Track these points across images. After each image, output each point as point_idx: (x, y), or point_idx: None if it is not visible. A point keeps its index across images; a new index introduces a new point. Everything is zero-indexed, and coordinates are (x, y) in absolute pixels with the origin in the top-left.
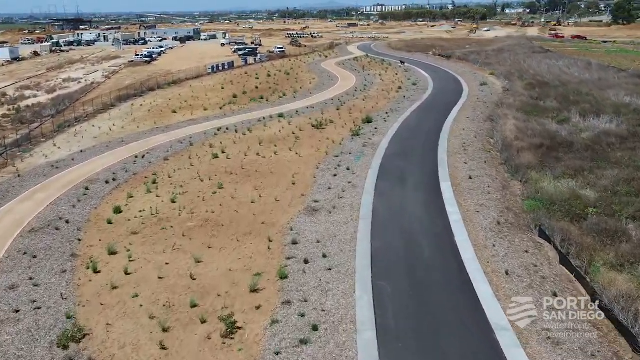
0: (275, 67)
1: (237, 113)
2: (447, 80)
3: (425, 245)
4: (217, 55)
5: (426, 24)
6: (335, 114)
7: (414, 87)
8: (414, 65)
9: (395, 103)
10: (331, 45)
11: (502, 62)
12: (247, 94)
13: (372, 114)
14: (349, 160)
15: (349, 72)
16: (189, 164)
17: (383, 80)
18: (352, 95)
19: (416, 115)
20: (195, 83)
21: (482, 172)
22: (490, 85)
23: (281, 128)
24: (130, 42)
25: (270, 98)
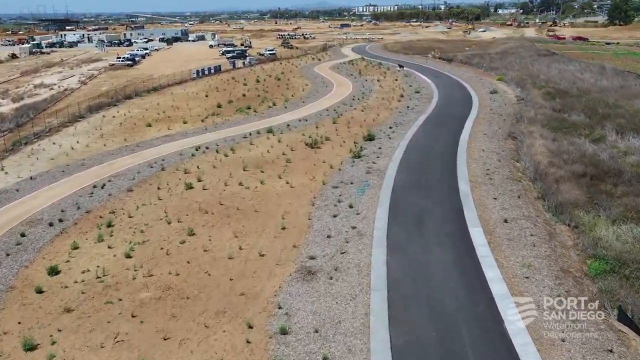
0: (265, 72)
1: (220, 127)
2: (452, 87)
3: (467, 341)
4: (205, 57)
5: (420, 24)
6: (331, 129)
7: (417, 95)
8: (414, 69)
9: (398, 115)
10: (324, 47)
11: (509, 66)
12: (232, 103)
13: (373, 129)
14: (351, 193)
15: (345, 77)
16: (157, 197)
17: (382, 87)
18: (350, 105)
19: (424, 131)
20: (178, 90)
21: (518, 212)
22: (502, 93)
23: (270, 147)
24: (114, 44)
25: (258, 108)
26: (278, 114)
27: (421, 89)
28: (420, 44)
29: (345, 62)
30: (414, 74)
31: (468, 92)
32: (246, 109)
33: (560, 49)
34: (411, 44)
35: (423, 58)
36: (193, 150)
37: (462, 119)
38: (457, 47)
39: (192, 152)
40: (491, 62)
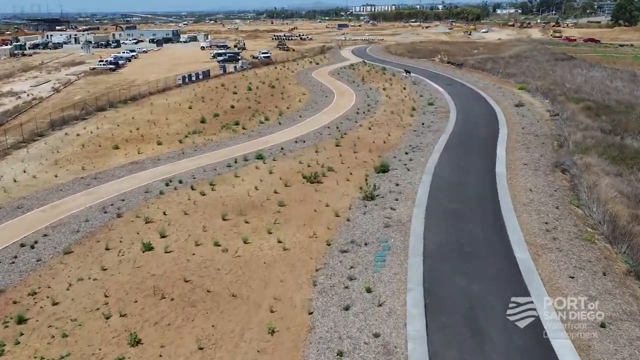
0: (258, 77)
1: (200, 150)
2: (469, 98)
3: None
4: (195, 60)
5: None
6: (334, 154)
7: (431, 108)
8: (422, 75)
9: (413, 134)
10: (322, 50)
11: (527, 72)
12: (219, 117)
13: (386, 156)
14: (367, 262)
15: (346, 84)
16: (100, 266)
17: (389, 97)
18: (354, 121)
19: (449, 159)
20: (159, 100)
21: (614, 304)
22: (529, 106)
23: (258, 181)
24: (101, 45)
25: (248, 124)
26: (271, 132)
27: (434, 100)
28: (424, 46)
29: (346, 66)
30: (422, 81)
31: (489, 104)
32: (234, 124)
33: (576, 52)
34: (415, 46)
35: (429, 62)
36: (162, 186)
37: (491, 141)
38: (463, 49)
39: (161, 188)
40: (506, 67)
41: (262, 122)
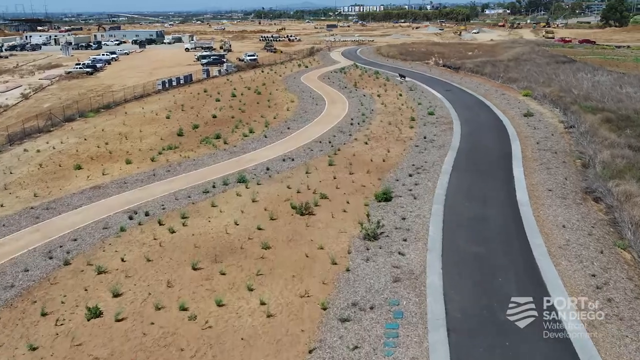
0: (243, 82)
1: (174, 171)
2: (472, 106)
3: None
4: (178, 62)
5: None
6: (327, 175)
7: (431, 118)
8: (418, 80)
9: (415, 151)
10: (311, 51)
11: (530, 76)
12: (198, 129)
13: (387, 178)
14: (374, 340)
15: (337, 90)
16: (28, 344)
17: (385, 105)
18: (348, 133)
19: (460, 184)
20: (134, 108)
21: None
22: (539, 116)
23: (240, 212)
24: (82, 47)
25: (230, 137)
26: (255, 147)
27: (434, 108)
28: (417, 48)
29: (336, 69)
30: (419, 86)
31: (494, 114)
32: (214, 138)
33: (574, 54)
34: (407, 48)
35: (424, 65)
36: (125, 220)
37: (504, 159)
38: (458, 51)
39: (123, 222)
40: (506, 71)
41: (246, 135)
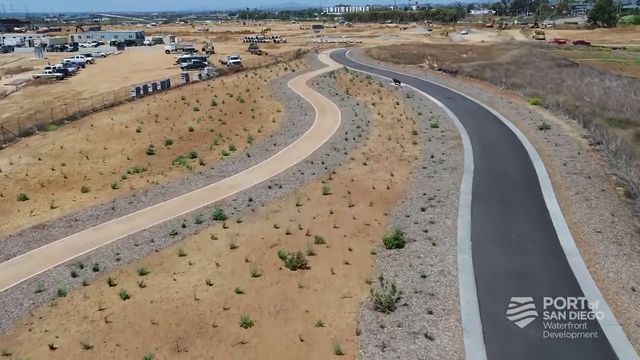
0: (225, 88)
1: (138, 203)
2: (479, 116)
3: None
4: (157, 65)
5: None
6: (322, 209)
7: (436, 132)
8: (414, 85)
9: (424, 175)
10: (298, 54)
11: (534, 82)
12: (172, 146)
13: (395, 213)
14: None
15: (328, 97)
16: None
17: (382, 115)
18: (344, 152)
19: (486, 222)
20: (103, 119)
21: None
22: (556, 129)
23: (214, 266)
24: (57, 48)
25: (208, 156)
26: (237, 169)
27: (437, 119)
28: (408, 50)
29: (325, 73)
30: (416, 93)
31: (506, 126)
32: (190, 157)
33: (571, 56)
34: (397, 50)
35: (418, 69)
36: (66, 277)
37: (531, 186)
38: (451, 54)
39: (64, 282)
40: (507, 75)
41: (226, 153)
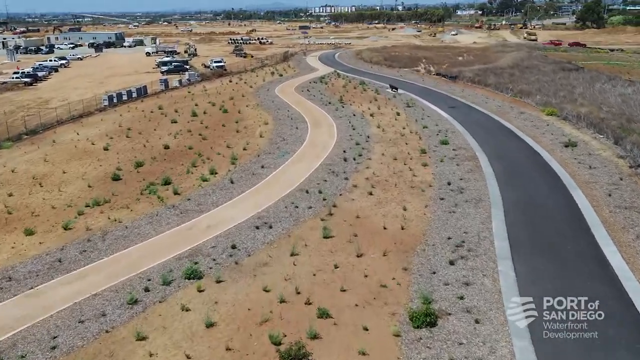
0: (207, 95)
1: (92, 252)
2: (490, 129)
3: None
4: (135, 69)
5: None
6: (323, 261)
7: (447, 149)
8: (413, 92)
9: (443, 209)
10: (285, 56)
11: (543, 88)
12: (143, 169)
13: (416, 268)
14: None
15: (320, 107)
16: None
17: (382, 129)
18: (343, 176)
19: (536, 283)
20: (67, 133)
21: None
22: (584, 146)
23: (183, 358)
24: (31, 51)
25: (183, 183)
26: (217, 201)
27: (446, 134)
28: (400, 52)
29: (315, 78)
30: (417, 101)
31: (525, 142)
32: (162, 184)
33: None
34: (389, 52)
35: (414, 73)
36: None
37: (578, 227)
38: (446, 56)
39: None
40: (512, 81)
41: (205, 179)
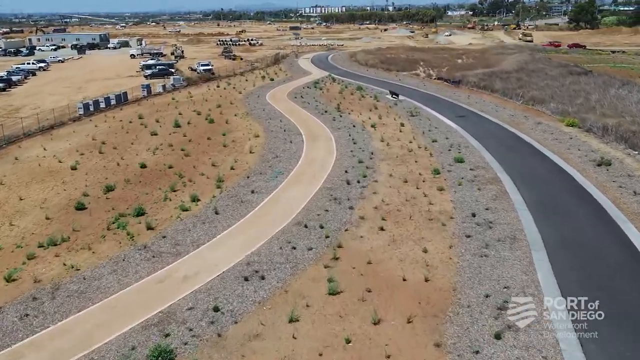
0: (192, 103)
1: (35, 317)
2: (509, 145)
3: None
4: (118, 73)
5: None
6: (331, 332)
7: (463, 169)
8: (415, 99)
9: (472, 252)
10: (276, 59)
11: (555, 95)
12: (113, 194)
13: (453, 346)
14: None
15: (316, 116)
16: None
17: (387, 142)
18: (347, 205)
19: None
20: (33, 148)
21: None
22: (618, 165)
23: None
24: (10, 53)
25: (159, 214)
26: (197, 241)
27: (459, 149)
28: (396, 54)
29: (309, 83)
30: (420, 109)
31: (550, 160)
32: (135, 216)
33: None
34: (384, 54)
35: (414, 77)
36: None
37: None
38: (444, 58)
39: None
40: (520, 86)
41: (185, 208)
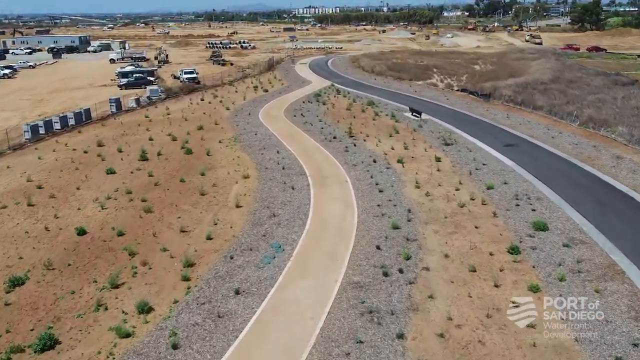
0: (169, 123)
1: None
2: (599, 197)
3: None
4: (92, 80)
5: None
6: None
7: (552, 242)
8: (442, 118)
9: None
10: (270, 64)
11: (617, 115)
12: (19, 294)
13: None
14: None
15: (322, 144)
16: None
17: (423, 188)
18: (392, 327)
19: None
20: None
21: None
22: None
23: None
24: None
25: (78, 347)
26: None
27: (530, 202)
28: (404, 60)
29: (309, 96)
30: (454, 133)
31: None
32: (37, 351)
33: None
34: (391, 60)
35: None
36: None
37: None
38: (458, 64)
39: None
40: (567, 102)
41: (123, 333)
